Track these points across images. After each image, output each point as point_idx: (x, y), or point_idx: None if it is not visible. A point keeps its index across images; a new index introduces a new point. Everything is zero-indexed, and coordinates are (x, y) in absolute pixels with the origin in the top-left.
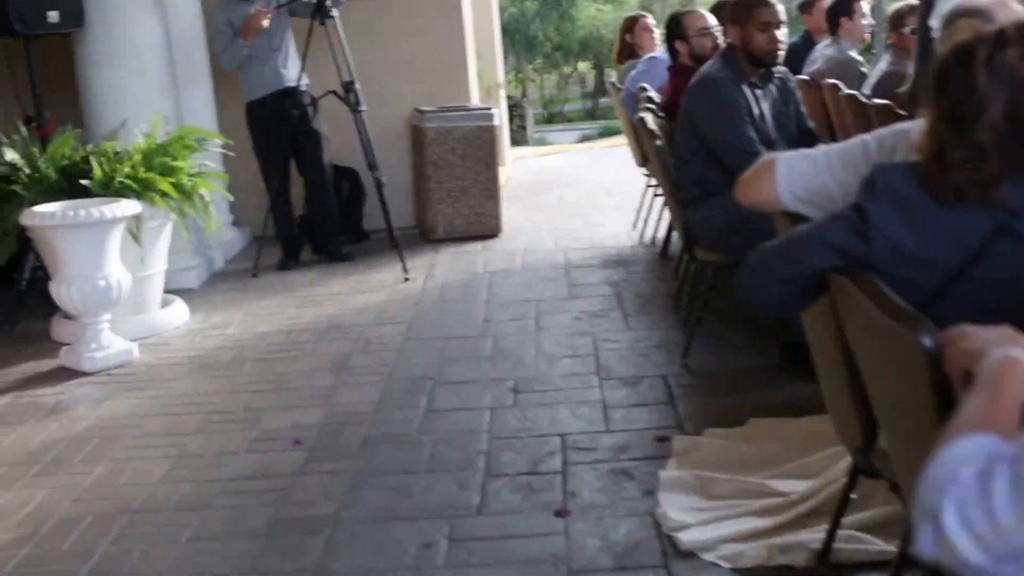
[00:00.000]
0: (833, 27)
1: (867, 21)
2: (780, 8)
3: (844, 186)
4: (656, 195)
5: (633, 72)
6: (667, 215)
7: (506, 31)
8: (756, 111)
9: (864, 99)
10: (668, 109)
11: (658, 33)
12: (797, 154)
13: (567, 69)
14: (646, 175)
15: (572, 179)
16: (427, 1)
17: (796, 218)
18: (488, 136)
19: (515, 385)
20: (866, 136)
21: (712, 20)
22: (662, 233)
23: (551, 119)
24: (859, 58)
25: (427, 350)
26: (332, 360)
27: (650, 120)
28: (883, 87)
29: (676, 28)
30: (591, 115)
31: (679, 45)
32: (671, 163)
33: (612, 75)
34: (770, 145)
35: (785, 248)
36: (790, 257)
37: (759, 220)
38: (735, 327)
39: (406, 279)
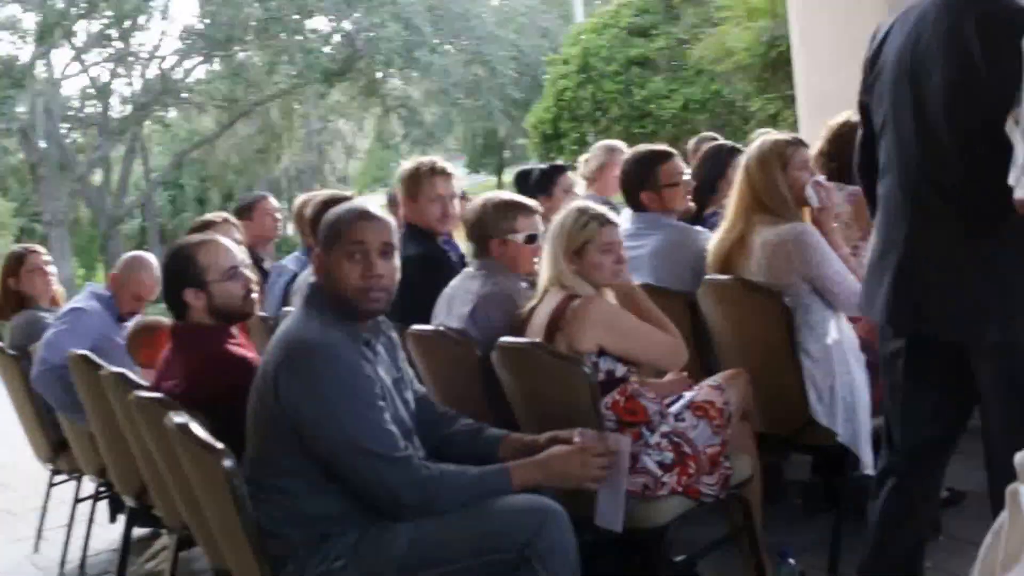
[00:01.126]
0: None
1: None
2: (391, 223)
3: None
4: (79, 500)
5: (49, 333)
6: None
7: None
8: (383, 387)
9: (456, 339)
10: (179, 395)
11: (53, 272)
12: None
13: None
14: (53, 471)
15: None
16: None
17: None
18: None
19: None
20: None
21: (240, 255)
22: (94, 553)
23: None
24: None
25: None
26: None
27: (195, 426)
28: (490, 317)
29: (184, 271)
30: None
31: (191, 296)
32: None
33: None
34: (408, 436)
35: None
36: None
37: (431, 566)
38: None
39: None
